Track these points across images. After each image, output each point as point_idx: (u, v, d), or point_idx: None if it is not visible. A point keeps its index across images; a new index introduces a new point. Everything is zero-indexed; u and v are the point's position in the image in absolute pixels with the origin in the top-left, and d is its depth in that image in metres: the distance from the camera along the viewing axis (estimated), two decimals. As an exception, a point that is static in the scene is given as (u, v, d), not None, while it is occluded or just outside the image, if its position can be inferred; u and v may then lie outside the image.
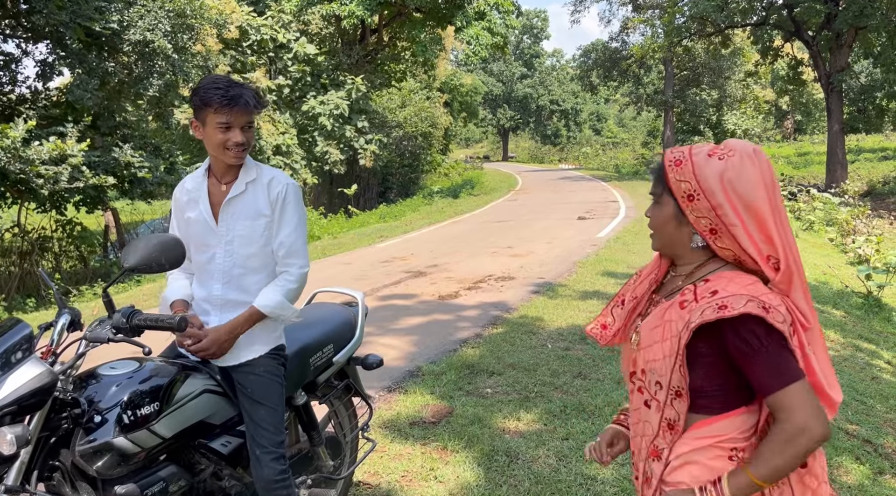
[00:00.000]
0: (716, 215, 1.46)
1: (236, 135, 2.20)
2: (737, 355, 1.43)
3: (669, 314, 1.51)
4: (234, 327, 2.29)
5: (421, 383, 4.77)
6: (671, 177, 1.50)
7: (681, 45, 28.10)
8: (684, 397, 1.49)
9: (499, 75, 59.84)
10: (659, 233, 1.59)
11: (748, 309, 1.38)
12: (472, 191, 25.37)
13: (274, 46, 21.63)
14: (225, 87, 2.18)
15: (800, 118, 54.08)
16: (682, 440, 1.51)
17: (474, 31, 22.04)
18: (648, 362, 1.54)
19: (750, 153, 1.47)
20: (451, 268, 9.21)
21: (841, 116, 25.05)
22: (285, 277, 2.36)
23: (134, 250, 1.95)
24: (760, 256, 1.47)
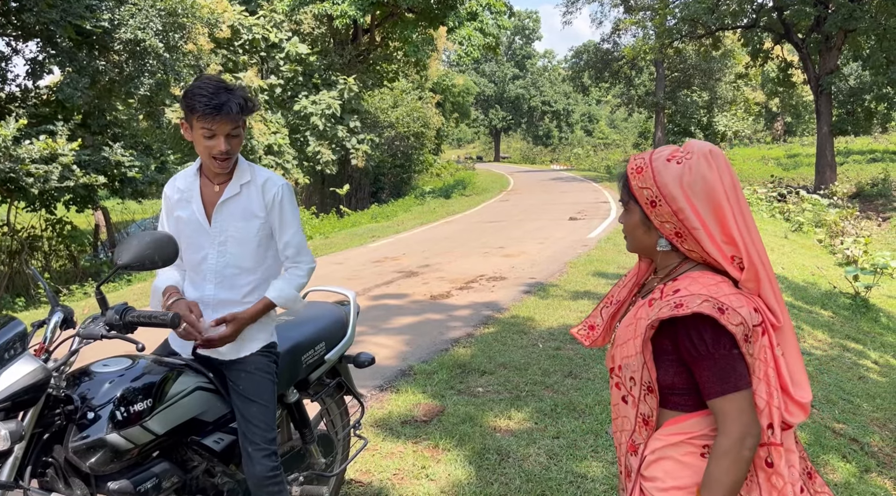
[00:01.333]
0: (678, 220, 1.49)
1: (220, 143, 2.19)
2: (685, 356, 1.46)
3: (640, 312, 1.56)
4: (254, 314, 2.33)
5: (413, 382, 4.79)
6: (634, 184, 1.54)
7: (672, 47, 28.23)
8: (655, 393, 1.52)
9: (491, 76, 59.93)
10: (630, 237, 1.64)
11: (701, 308, 1.41)
12: (464, 191, 25.41)
13: (266, 46, 21.58)
14: (210, 93, 2.15)
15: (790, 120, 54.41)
16: (656, 436, 1.55)
17: (466, 32, 22.07)
18: (624, 358, 1.58)
19: (706, 154, 1.50)
20: (442, 268, 9.23)
21: (830, 118, 25.25)
22: (295, 272, 2.42)
23: (127, 248, 1.96)
24: (724, 257, 1.50)
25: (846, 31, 23.30)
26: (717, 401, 1.44)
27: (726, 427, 1.42)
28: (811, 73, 24.83)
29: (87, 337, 1.90)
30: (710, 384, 1.44)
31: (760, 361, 1.46)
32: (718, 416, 1.44)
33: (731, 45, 32.87)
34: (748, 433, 1.42)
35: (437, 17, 21.88)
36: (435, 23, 22.31)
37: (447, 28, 22.46)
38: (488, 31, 22.80)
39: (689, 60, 34.71)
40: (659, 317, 1.46)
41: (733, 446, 1.41)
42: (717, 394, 1.43)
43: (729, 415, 1.42)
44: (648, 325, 1.48)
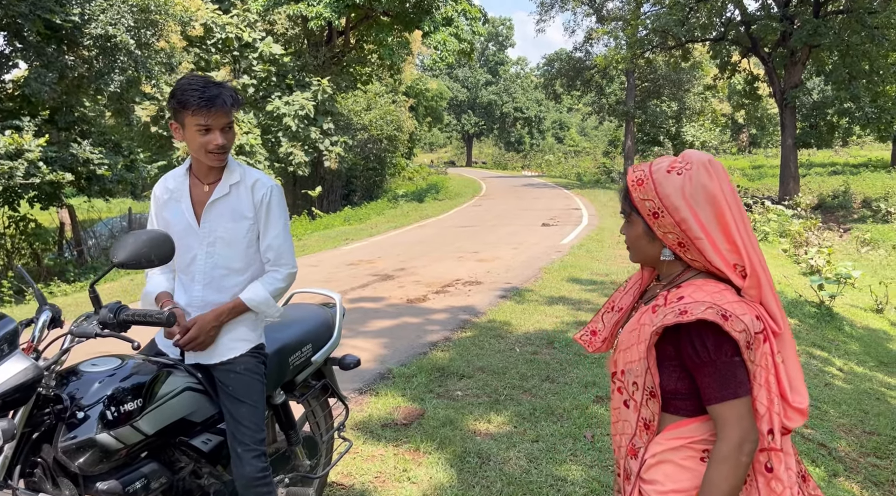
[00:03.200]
0: (681, 230, 1.51)
1: (216, 137, 2.19)
2: (687, 361, 1.49)
3: (644, 318, 1.57)
4: (219, 314, 2.30)
5: (392, 385, 4.79)
6: (635, 196, 1.56)
7: (643, 58, 28.69)
8: (657, 398, 1.54)
9: (464, 81, 60.16)
10: (633, 248, 1.66)
11: (706, 315, 1.43)
12: (438, 195, 25.44)
13: (239, 45, 21.37)
14: (202, 87, 2.15)
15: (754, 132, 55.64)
16: (657, 440, 1.57)
17: (442, 37, 22.11)
18: (627, 363, 1.60)
19: (706, 164, 1.53)
20: (418, 271, 9.23)
21: (794, 131, 25.87)
22: (273, 276, 2.38)
23: (123, 245, 1.94)
24: (727, 266, 1.52)
25: (811, 47, 23.93)
26: (716, 407, 1.47)
27: (725, 433, 1.45)
28: (776, 86, 25.43)
29: (80, 335, 1.88)
30: (711, 390, 1.47)
31: (761, 368, 1.49)
32: (718, 422, 1.47)
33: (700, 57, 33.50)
34: (746, 439, 1.45)
35: (413, 21, 21.90)
36: (410, 27, 22.33)
37: (423, 32, 22.48)
38: (463, 37, 22.88)
39: (660, 71, 35.28)
40: (664, 323, 1.48)
41: (732, 452, 1.44)
42: (717, 400, 1.46)
43: (728, 422, 1.45)
44: (653, 332, 1.51)
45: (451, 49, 22.07)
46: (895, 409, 5.27)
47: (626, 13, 31.24)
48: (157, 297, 2.34)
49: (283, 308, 2.54)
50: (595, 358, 5.42)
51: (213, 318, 2.28)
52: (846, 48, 23.12)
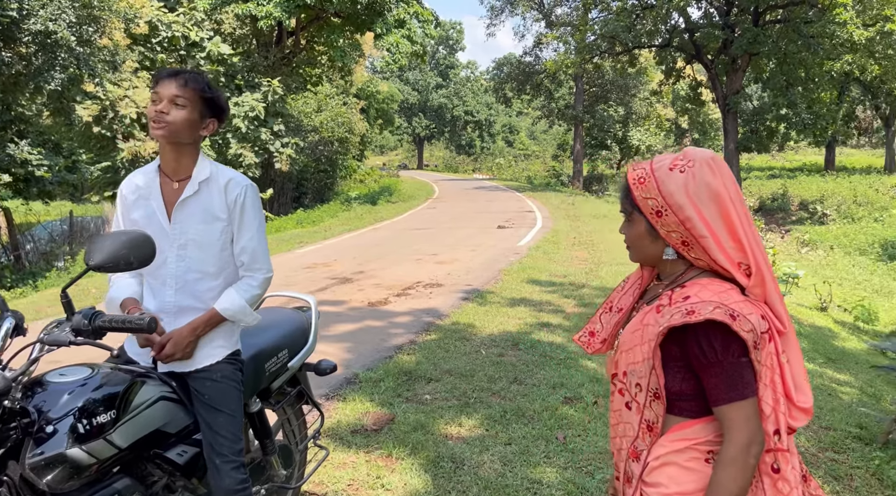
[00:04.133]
0: (685, 228, 1.48)
1: (159, 105, 2.10)
2: (694, 362, 1.46)
3: (647, 318, 1.54)
4: (195, 328, 2.18)
5: (359, 390, 4.70)
6: (637, 195, 1.53)
7: (591, 62, 29.17)
8: (661, 399, 1.51)
9: (414, 84, 60.13)
10: (635, 248, 1.62)
11: (714, 315, 1.40)
12: (391, 198, 25.33)
13: (186, 44, 20.83)
14: (177, 69, 2.16)
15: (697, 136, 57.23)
16: (660, 442, 1.54)
17: (394, 39, 22.04)
18: (630, 365, 1.57)
19: (709, 161, 1.50)
20: (377, 274, 9.13)
21: (736, 136, 26.72)
22: (248, 282, 2.27)
23: (99, 247, 1.81)
24: (732, 264, 1.49)
25: (750, 55, 24.76)
26: (723, 408, 1.44)
27: (732, 435, 1.43)
28: (719, 92, 26.23)
29: (52, 344, 1.74)
30: (718, 391, 1.44)
31: (767, 368, 1.47)
32: (724, 424, 1.44)
33: (646, 63, 34.27)
34: (754, 441, 1.43)
35: (365, 22, 21.73)
36: (362, 28, 22.16)
37: (375, 34, 22.35)
38: (416, 39, 22.85)
39: (607, 76, 35.93)
40: (671, 323, 1.45)
41: (740, 454, 1.42)
42: (724, 401, 1.44)
43: (735, 423, 1.43)
44: (659, 332, 1.47)
45: (404, 51, 22.02)
46: (847, 405, 5.43)
47: (574, 19, 31.73)
48: (123, 303, 2.20)
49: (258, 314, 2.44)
50: (561, 358, 5.44)
51: (189, 333, 2.17)
52: (783, 56, 24.00)
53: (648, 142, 40.57)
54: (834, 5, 21.78)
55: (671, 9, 25.32)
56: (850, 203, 24.25)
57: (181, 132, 2.13)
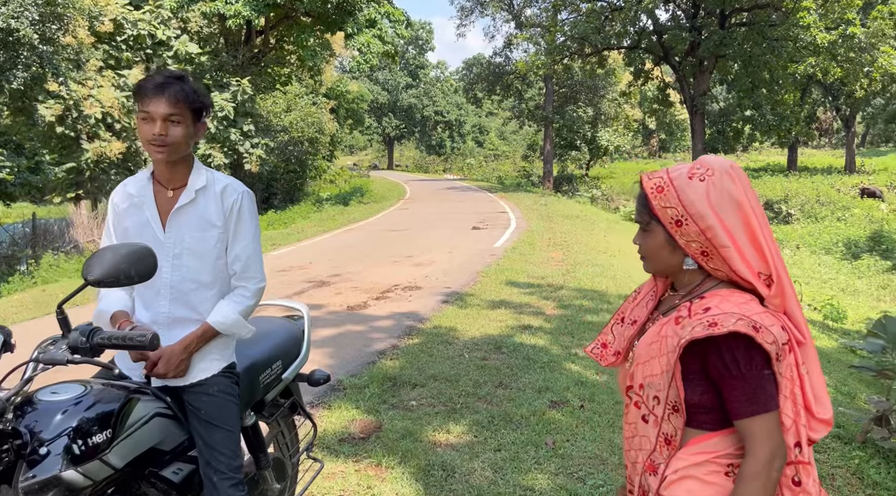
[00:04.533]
0: (706, 238, 1.46)
1: (155, 127, 2.03)
2: (715, 375, 1.43)
3: (665, 330, 1.51)
4: (187, 345, 2.11)
5: (344, 397, 4.63)
6: (656, 204, 1.50)
7: (561, 64, 29.37)
8: (681, 412, 1.49)
9: (384, 84, 59.88)
10: (651, 259, 1.59)
11: (737, 327, 1.38)
12: (362, 199, 25.18)
13: (152, 43, 20.42)
14: (162, 78, 2.04)
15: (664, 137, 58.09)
16: (679, 455, 1.51)
17: (366, 39, 21.90)
18: (647, 377, 1.54)
19: (728, 170, 1.48)
20: (354, 277, 9.04)
21: (703, 136, 27.14)
22: (241, 293, 2.21)
23: (99, 261, 1.73)
24: (752, 274, 1.47)
25: (717, 57, 25.17)
26: (746, 422, 1.42)
27: (755, 449, 1.41)
28: (687, 93, 26.61)
29: (48, 362, 1.66)
30: (740, 405, 1.42)
31: (787, 379, 1.45)
32: (747, 438, 1.42)
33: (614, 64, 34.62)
34: (777, 454, 1.40)
35: (335, 22, 21.55)
36: (332, 28, 21.97)
37: (346, 34, 22.17)
38: (387, 40, 22.74)
39: (576, 77, 36.20)
40: (693, 336, 1.42)
41: (763, 468, 1.39)
42: (747, 414, 1.41)
43: (758, 437, 1.41)
44: (681, 345, 1.45)
45: (376, 51, 21.88)
46: (825, 403, 5.53)
47: (544, 20, 31.90)
48: (114, 317, 2.12)
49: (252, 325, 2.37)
50: (545, 362, 5.43)
51: (182, 350, 2.10)
52: (749, 58, 24.45)
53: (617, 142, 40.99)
54: (797, 9, 22.24)
55: (640, 11, 25.61)
56: (813, 202, 24.77)
57: (181, 148, 2.09)
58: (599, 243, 12.88)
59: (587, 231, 14.74)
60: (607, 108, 38.86)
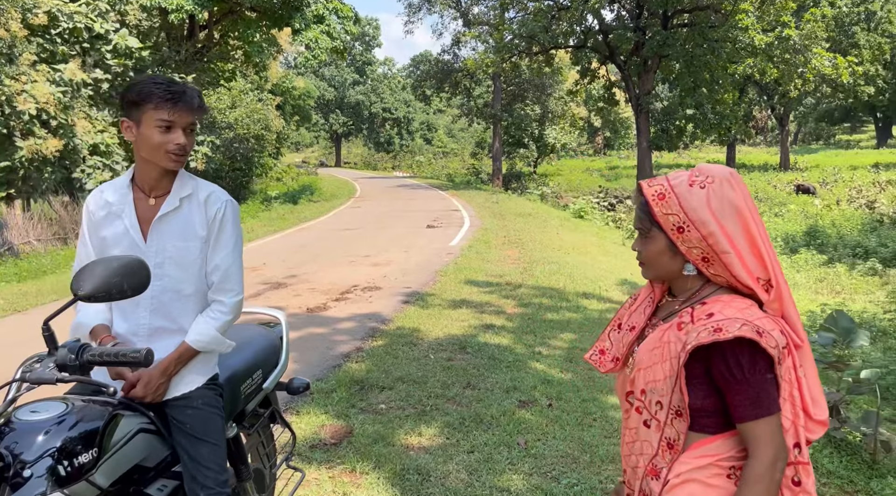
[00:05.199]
0: (707, 244, 1.48)
1: (178, 136, 1.97)
2: (719, 379, 1.46)
3: (668, 336, 1.53)
4: (166, 368, 2.04)
5: (311, 402, 4.56)
6: (657, 211, 1.51)
7: (510, 62, 29.58)
8: (684, 417, 1.51)
9: (331, 80, 59.18)
10: (652, 265, 1.60)
11: (742, 332, 1.41)
12: (312, 197, 24.86)
13: (90, 37, 19.67)
14: (167, 82, 1.97)
15: (609, 135, 59.22)
16: (682, 459, 1.53)
17: (314, 35, 21.58)
18: (649, 383, 1.56)
19: (728, 177, 1.51)
20: (311, 278, 8.91)
21: (648, 135, 27.76)
22: (218, 308, 2.13)
23: (90, 275, 1.64)
24: (752, 280, 1.50)
25: (660, 57, 25.77)
26: (749, 425, 1.44)
27: (759, 451, 1.43)
28: (632, 92, 27.15)
29: (36, 382, 1.57)
30: (744, 408, 1.44)
31: (786, 382, 1.49)
32: (751, 441, 1.45)
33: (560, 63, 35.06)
34: (780, 457, 1.43)
35: (282, 17, 21.17)
36: (279, 23, 21.58)
37: (293, 30, 21.82)
38: (336, 36, 22.47)
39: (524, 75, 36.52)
40: (700, 342, 1.44)
41: (767, 470, 1.42)
42: (751, 418, 1.44)
43: (761, 440, 1.43)
44: (687, 350, 1.46)
45: (324, 47, 21.60)
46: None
47: (491, 18, 32.06)
48: (94, 331, 2.04)
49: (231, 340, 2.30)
50: (510, 361, 5.46)
51: (160, 374, 2.03)
52: (690, 58, 25.11)
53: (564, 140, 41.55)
54: (735, 11, 22.96)
55: (586, 10, 25.99)
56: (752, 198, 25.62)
57: (189, 154, 2.03)
58: (553, 241, 13.03)
59: (540, 229, 14.89)
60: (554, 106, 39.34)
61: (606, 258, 11.90)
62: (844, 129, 69.24)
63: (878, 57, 39.45)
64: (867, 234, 16.65)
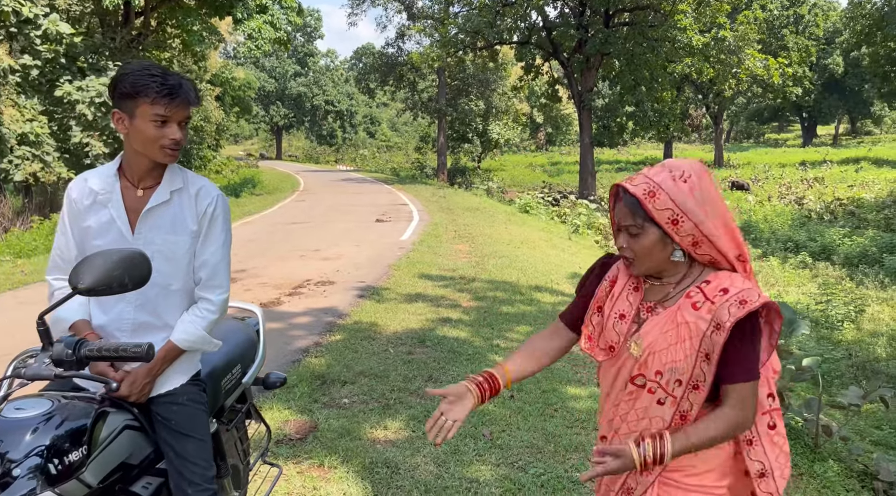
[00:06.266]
0: (699, 231, 1.61)
1: (174, 131, 1.93)
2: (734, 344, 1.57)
3: (682, 316, 1.64)
4: (151, 368, 2.00)
5: (273, 398, 4.50)
6: (651, 207, 1.61)
7: (455, 57, 29.66)
8: (701, 389, 1.62)
9: (271, 71, 58.02)
10: (645, 259, 1.68)
11: (763, 299, 1.56)
12: (254, 190, 24.39)
13: (17, 21, 18.74)
14: (161, 74, 1.90)
15: (550, 131, 60.11)
16: None
17: (256, 25, 21.15)
18: (667, 364, 1.64)
19: (699, 170, 1.65)
20: (261, 273, 8.77)
21: (591, 131, 28.29)
22: (205, 307, 2.10)
23: (89, 268, 1.59)
24: (733, 256, 1.65)
25: (603, 54, 26.31)
26: (741, 385, 1.58)
27: (744, 409, 1.59)
28: (574, 89, 27.62)
29: (33, 378, 1.52)
30: (738, 370, 1.58)
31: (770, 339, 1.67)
32: (738, 399, 1.59)
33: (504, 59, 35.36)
34: (749, 420, 1.60)
35: (223, 6, 20.67)
36: (220, 12, 21.06)
37: (234, 19, 21.32)
38: (279, 26, 22.07)
39: (468, 70, 36.68)
40: (735, 317, 1.55)
41: (743, 424, 1.59)
42: (742, 380, 1.58)
43: (748, 400, 1.59)
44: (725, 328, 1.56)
45: (268, 37, 21.20)
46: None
47: (436, 12, 32.06)
48: (75, 326, 1.98)
49: None
50: (469, 354, 5.52)
51: (146, 373, 1.99)
52: (631, 57, 25.72)
53: (507, 135, 41.97)
54: (674, 12, 23.64)
55: (530, 7, 26.29)
56: (717, 187, 26.58)
57: (182, 147, 1.99)
58: (502, 235, 13.18)
59: (489, 223, 15.04)
60: (498, 101, 39.66)
61: (555, 252, 12.12)
62: (773, 127, 72.31)
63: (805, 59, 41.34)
64: (797, 229, 17.47)
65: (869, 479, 3.82)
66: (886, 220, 17.42)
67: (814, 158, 38.79)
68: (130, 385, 1.96)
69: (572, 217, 18.08)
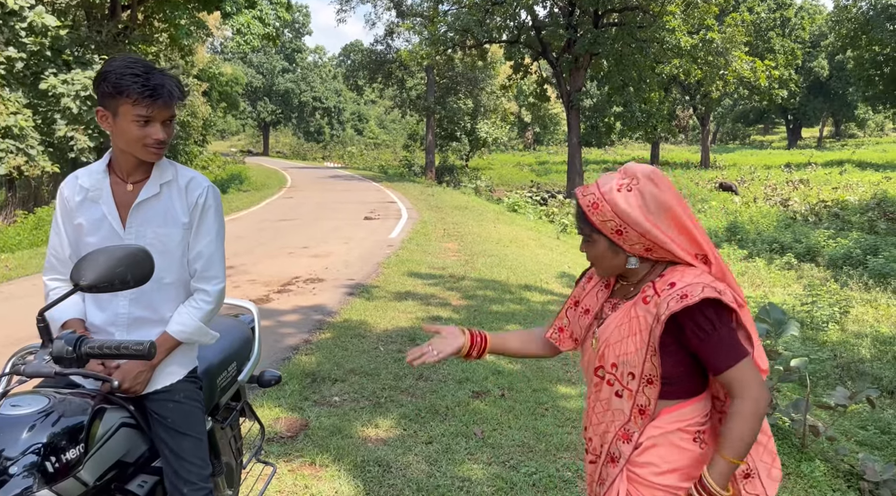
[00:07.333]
0: (646, 240, 1.62)
1: (156, 131, 1.91)
2: (692, 340, 1.58)
3: (635, 311, 1.66)
4: None
5: (263, 395, 4.49)
6: (594, 219, 1.64)
7: (444, 55, 29.63)
8: (655, 384, 1.63)
9: (259, 67, 57.66)
10: (599, 264, 1.73)
11: (706, 294, 1.55)
12: (242, 186, 24.26)
13: (2, 12, 18.51)
14: (144, 73, 1.87)
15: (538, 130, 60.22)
16: (654, 424, 1.66)
17: (245, 20, 21.01)
18: (620, 356, 1.67)
19: (650, 175, 1.64)
20: (250, 270, 8.73)
21: (579, 131, 28.38)
22: (202, 297, 2.09)
23: (92, 264, 1.57)
24: (690, 256, 1.65)
25: (591, 55, 26.40)
26: (731, 371, 1.56)
27: (747, 391, 1.55)
28: (563, 89, 27.68)
29: (33, 375, 1.50)
30: (721, 358, 1.57)
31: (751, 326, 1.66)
32: (734, 384, 1.56)
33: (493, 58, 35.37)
34: (764, 392, 1.57)
35: (212, 0, 20.52)
36: (209, 6, 20.90)
37: (223, 13, 21.17)
38: (268, 22, 21.95)
39: (457, 69, 36.67)
40: (671, 310, 1.56)
41: (759, 407, 1.54)
42: (732, 362, 1.56)
43: (746, 378, 1.56)
44: (662, 320, 1.57)
45: (257, 33, 21.07)
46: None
47: (425, 10, 31.98)
48: (68, 324, 1.96)
49: None
50: (461, 353, 5.51)
51: (140, 365, 1.98)
52: (619, 57, 25.83)
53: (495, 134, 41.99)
54: (663, 13, 23.76)
55: (519, 6, 26.31)
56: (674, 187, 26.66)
57: (168, 144, 1.97)
58: (491, 234, 13.20)
59: (477, 222, 15.05)
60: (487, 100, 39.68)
61: (544, 251, 12.15)
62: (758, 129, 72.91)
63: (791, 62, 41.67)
64: (783, 231, 17.61)
65: (855, 479, 3.86)
66: (870, 223, 17.61)
67: (799, 160, 39.15)
68: (125, 376, 1.93)
69: (560, 216, 18.14)
